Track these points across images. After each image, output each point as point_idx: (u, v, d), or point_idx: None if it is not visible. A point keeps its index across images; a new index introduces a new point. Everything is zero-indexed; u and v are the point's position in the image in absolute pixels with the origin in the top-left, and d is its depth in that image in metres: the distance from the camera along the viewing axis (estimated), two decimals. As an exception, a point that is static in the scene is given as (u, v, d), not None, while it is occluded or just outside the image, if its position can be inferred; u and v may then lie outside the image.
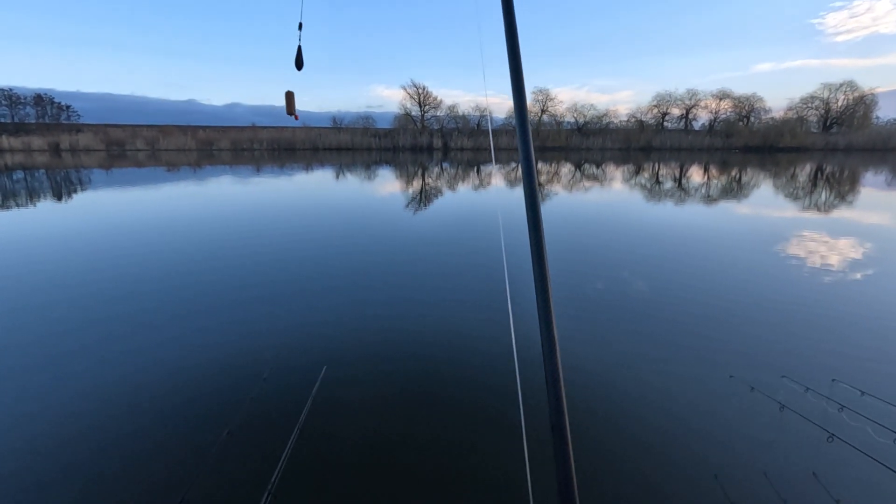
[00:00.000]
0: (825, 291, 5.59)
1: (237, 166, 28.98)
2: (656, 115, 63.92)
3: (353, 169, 27.53)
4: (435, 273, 6.47)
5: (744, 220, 10.85)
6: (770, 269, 6.64)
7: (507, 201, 14.07)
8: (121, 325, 4.56)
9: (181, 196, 14.83)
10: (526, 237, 0.92)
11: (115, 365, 3.77)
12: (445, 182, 20.11)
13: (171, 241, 8.38)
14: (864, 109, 57.26)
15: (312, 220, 10.59)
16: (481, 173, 24.75)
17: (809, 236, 8.78)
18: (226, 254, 7.45)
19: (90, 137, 49.40)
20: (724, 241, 8.55)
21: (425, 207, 12.74)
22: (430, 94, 62.22)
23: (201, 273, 6.37)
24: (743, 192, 16.22)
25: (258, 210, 12.00)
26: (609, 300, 5.33)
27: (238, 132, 56.81)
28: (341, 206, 12.81)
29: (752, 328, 4.51)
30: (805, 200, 13.99)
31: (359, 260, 7.12)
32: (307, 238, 8.68)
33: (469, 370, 3.69)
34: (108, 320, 4.67)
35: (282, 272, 6.45)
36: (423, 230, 9.67)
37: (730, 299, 5.32)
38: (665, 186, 18.46)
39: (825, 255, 7.30)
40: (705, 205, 13.20)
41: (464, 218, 11.14)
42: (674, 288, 5.79)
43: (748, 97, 60.68)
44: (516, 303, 4.79)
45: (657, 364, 3.79)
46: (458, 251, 7.74)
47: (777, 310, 4.97)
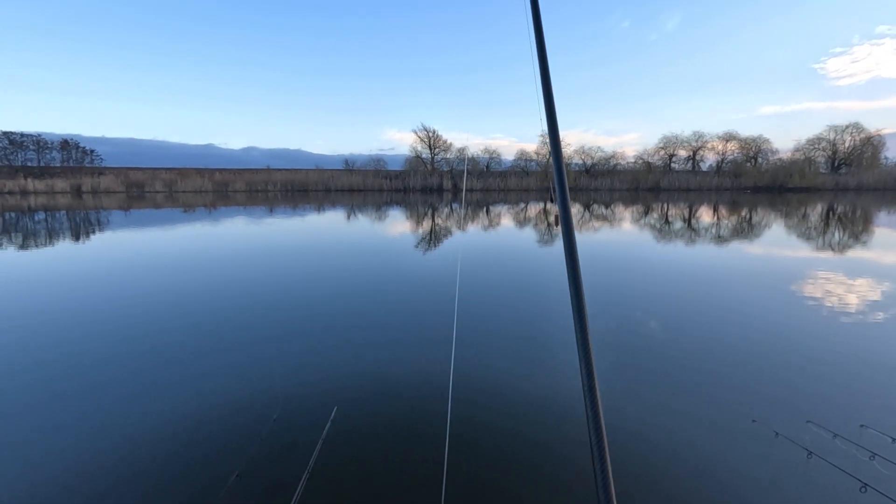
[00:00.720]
0: (847, 333, 5.46)
1: (251, 207, 29.61)
2: (663, 156, 64.68)
3: (364, 209, 27.98)
4: (448, 312, 6.44)
5: (759, 259, 10.74)
6: (789, 309, 6.51)
7: (521, 240, 14.14)
8: (126, 364, 4.56)
9: (194, 236, 15.12)
10: (544, 277, 0.95)
11: (120, 405, 3.75)
12: (455, 222, 20.31)
13: (182, 280, 8.49)
14: (872, 150, 57.58)
15: (322, 260, 10.69)
16: (490, 213, 24.99)
17: (827, 276, 8.65)
18: (236, 293, 7.51)
19: (111, 180, 51.08)
20: (740, 280, 8.44)
21: (436, 247, 12.83)
22: (439, 137, 63.88)
23: (210, 312, 6.40)
24: (756, 232, 16.14)
25: (269, 249, 12.16)
26: (623, 340, 5.24)
27: (253, 174, 58.40)
28: (352, 246, 12.95)
29: (772, 370, 4.38)
30: (819, 240, 13.86)
31: (371, 299, 7.13)
32: (318, 277, 8.74)
33: (489, 413, 3.61)
34: (114, 360, 4.68)
35: (293, 310, 6.46)
36: (434, 269, 9.69)
37: (748, 340, 5.21)
38: (675, 226, 18.45)
39: (844, 296, 7.16)
40: (719, 244, 13.13)
41: (477, 257, 11.18)
42: (689, 328, 5.69)
43: (755, 139, 61.39)
44: (548, 348, 4.73)
45: (675, 408, 3.68)
46: (476, 290, 7.72)
47: (798, 352, 4.85)
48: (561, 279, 0.95)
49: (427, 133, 63.57)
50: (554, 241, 13.82)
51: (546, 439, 3.22)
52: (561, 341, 5.13)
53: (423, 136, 63.75)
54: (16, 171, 54.84)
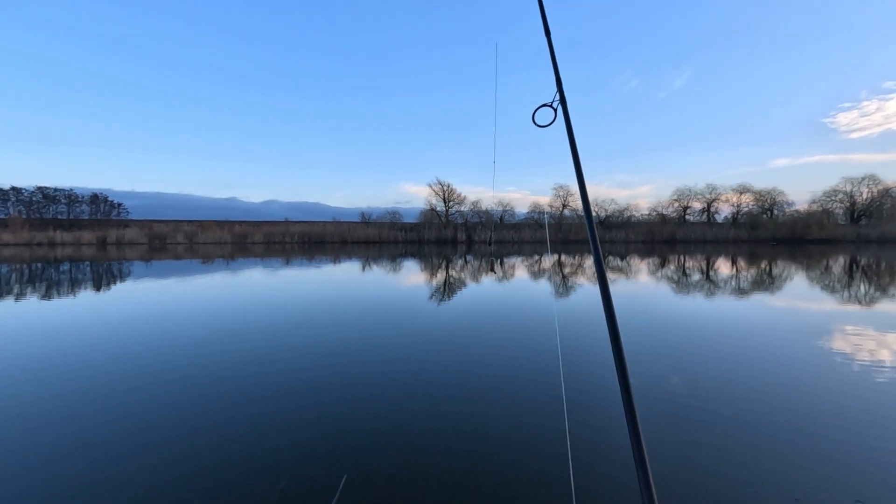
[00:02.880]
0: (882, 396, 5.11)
1: (268, 259, 30.06)
2: (677, 208, 64.81)
3: (378, 261, 28.17)
4: (465, 369, 6.24)
5: (785, 315, 10.37)
6: (831, 375, 6.17)
7: (535, 294, 13.96)
8: (119, 423, 4.44)
9: (210, 287, 15.26)
10: (566, 330, 0.89)
11: (113, 465, 3.60)
12: (469, 275, 20.25)
13: (191, 332, 8.45)
14: (891, 202, 56.94)
15: (332, 312, 10.62)
16: (504, 265, 24.91)
17: (856, 331, 8.26)
18: (244, 348, 7.41)
19: (135, 232, 52.76)
20: (764, 337, 8.10)
21: (450, 299, 12.70)
22: (454, 190, 65.29)
23: (216, 368, 6.30)
24: (778, 285, 15.71)
25: (281, 301, 12.16)
26: (641, 400, 4.96)
27: (271, 226, 59.86)
28: (364, 299, 12.89)
29: (819, 443, 4.07)
30: (845, 293, 13.40)
31: (385, 356, 6.96)
32: (329, 332, 8.63)
33: (505, 486, 3.37)
34: (110, 414, 4.56)
35: (302, 368, 6.32)
36: (448, 323, 9.53)
37: (790, 408, 4.89)
38: (693, 279, 18.09)
39: (877, 351, 6.79)
40: (741, 297, 12.75)
41: (491, 311, 11.00)
42: (718, 392, 5.39)
43: (769, 190, 61.49)
44: (570, 410, 4.49)
45: (689, 481, 3.40)
46: (492, 345, 7.52)
47: (845, 424, 4.52)
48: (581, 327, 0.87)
49: (441, 186, 65.06)
50: (569, 291, 13.61)
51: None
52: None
53: (437, 189, 65.25)
54: (46, 224, 57.14)
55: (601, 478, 3.36)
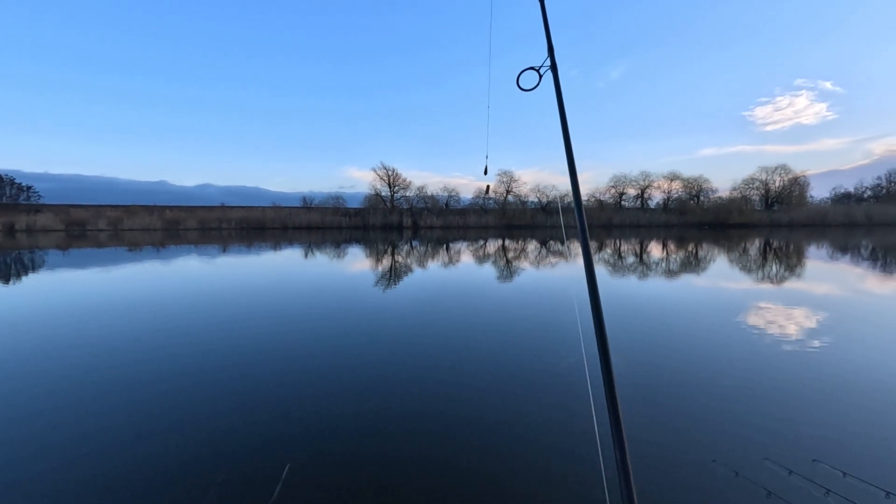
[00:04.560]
0: (796, 367, 5.67)
1: (203, 246, 28.53)
2: (614, 194, 67.89)
3: (321, 247, 27.50)
4: (403, 352, 6.25)
5: (707, 291, 11.19)
6: (740, 345, 6.73)
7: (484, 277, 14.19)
8: (41, 427, 4.11)
9: (137, 276, 14.28)
10: (487, 315, 0.91)
11: (39, 469, 3.33)
12: (416, 260, 20.23)
13: (117, 325, 7.91)
14: (799, 189, 62.76)
15: (272, 302, 10.28)
16: (451, 251, 25.11)
17: (768, 307, 9.08)
18: (177, 341, 7.03)
19: (50, 218, 48.26)
20: (690, 314, 8.72)
21: (395, 285, 12.65)
22: (399, 175, 64.59)
23: (147, 362, 5.94)
24: (704, 267, 16.93)
25: (216, 291, 11.62)
26: (579, 376, 5.21)
27: (207, 212, 56.67)
28: (304, 286, 12.57)
29: (728, 406, 4.45)
30: (760, 272, 14.67)
31: (325, 345, 6.84)
32: (267, 321, 8.36)
33: (448, 470, 3.43)
34: (33, 418, 4.21)
35: (237, 359, 6.09)
36: (393, 307, 9.50)
37: (703, 377, 5.30)
38: (628, 261, 19.09)
39: (786, 326, 7.50)
40: (672, 278, 13.62)
41: (432, 295, 11.07)
42: (644, 366, 5.74)
43: (696, 178, 65.79)
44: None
45: (630, 448, 3.63)
46: (432, 329, 7.57)
47: (751, 387, 4.96)
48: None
49: (387, 171, 64.20)
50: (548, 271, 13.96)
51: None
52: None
53: (382, 174, 64.34)
54: (-62, 209, 50.98)
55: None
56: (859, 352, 6.23)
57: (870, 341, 6.77)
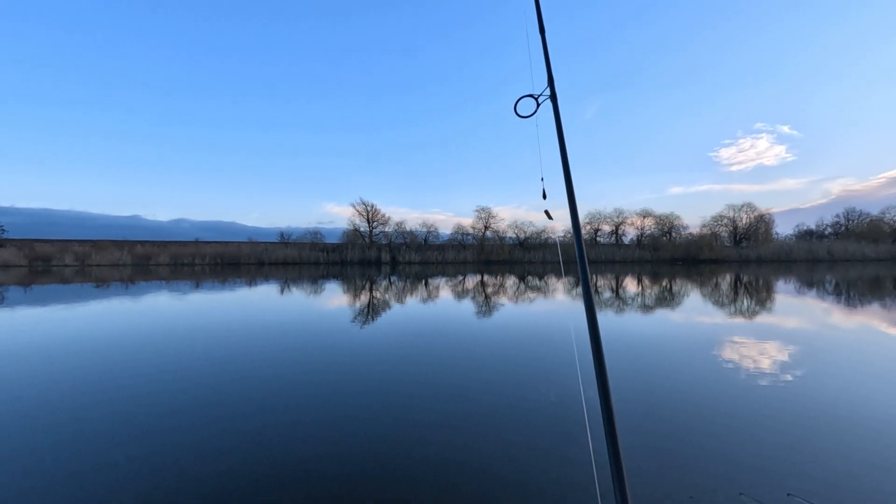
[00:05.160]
0: (770, 401, 5.73)
1: (175, 282, 27.75)
2: (589, 231, 69.22)
3: (298, 283, 27.07)
4: (386, 391, 6.10)
5: (687, 327, 11.35)
6: (715, 380, 6.79)
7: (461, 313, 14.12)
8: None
9: (101, 313, 13.73)
10: (472, 350, 0.89)
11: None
12: (394, 295, 20.06)
13: (81, 365, 7.53)
14: (764, 227, 65.32)
15: (244, 339, 9.98)
16: (429, 286, 25.01)
17: (746, 343, 9.24)
18: (144, 381, 6.73)
19: (12, 253, 46.53)
20: (665, 349, 8.80)
21: (372, 321, 12.46)
22: (378, 211, 64.86)
23: (107, 404, 5.65)
24: (678, 301, 17.23)
25: (185, 328, 11.23)
26: (563, 413, 5.16)
27: (180, 247, 55.46)
28: (278, 322, 12.28)
29: (704, 440, 4.44)
30: (732, 307, 15.01)
31: (304, 383, 6.63)
32: (237, 360, 8.10)
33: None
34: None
35: (204, 398, 5.84)
36: (369, 344, 9.32)
37: (679, 413, 5.31)
38: (605, 296, 19.32)
39: (763, 363, 7.63)
40: (646, 313, 13.80)
41: (411, 332, 10.93)
42: (621, 402, 5.73)
43: (668, 215, 67.81)
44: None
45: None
46: (413, 366, 7.44)
47: (726, 422, 4.98)
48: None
49: (365, 207, 64.42)
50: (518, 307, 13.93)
51: None
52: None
53: (361, 209, 64.51)
54: None
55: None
56: (832, 385, 6.35)
57: (842, 374, 6.93)
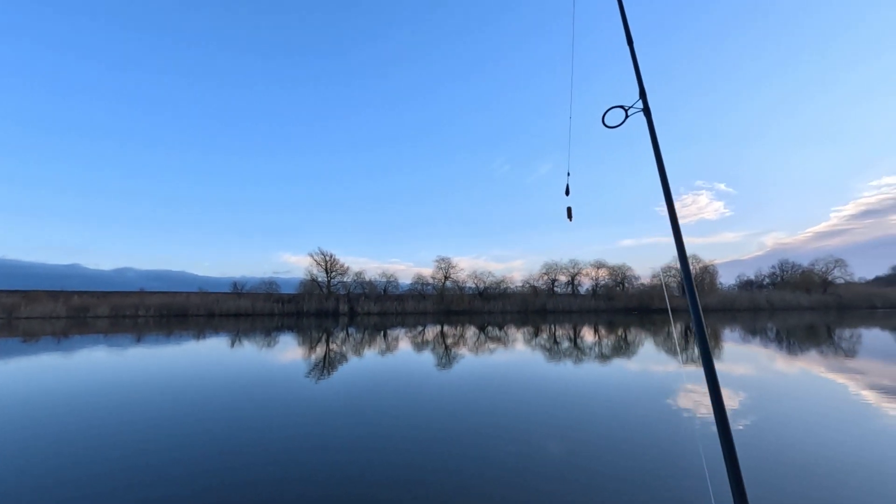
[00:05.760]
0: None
1: (114, 335, 25.90)
2: (546, 281, 70.68)
3: (250, 335, 25.87)
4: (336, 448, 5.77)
5: (641, 376, 11.53)
6: (669, 428, 6.87)
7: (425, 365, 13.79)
8: None
9: (20, 373, 12.53)
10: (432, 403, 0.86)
11: None
12: (351, 348, 19.47)
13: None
14: (709, 277, 68.84)
15: (187, 397, 9.34)
16: (388, 337, 24.49)
17: (699, 391, 9.46)
18: (69, 442, 6.11)
19: (-75, 305, 42.47)
20: (622, 397, 8.88)
21: (327, 376, 11.98)
22: (337, 260, 63.91)
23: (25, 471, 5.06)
24: (634, 350, 17.60)
25: (123, 385, 10.41)
26: (524, 465, 5.02)
27: (122, 297, 52.41)
28: (226, 378, 11.59)
29: (663, 492, 4.42)
30: (684, 355, 15.46)
31: (248, 448, 6.20)
32: (179, 420, 7.53)
33: None
34: None
35: (130, 462, 5.34)
36: (322, 401, 8.90)
37: (635, 461, 5.30)
38: (563, 346, 19.49)
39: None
40: (603, 363, 13.97)
41: (364, 387, 10.56)
42: (588, 448, 5.67)
43: (620, 266, 70.37)
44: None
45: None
46: (367, 424, 7.11)
47: (687, 467, 5.00)
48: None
49: (324, 257, 63.40)
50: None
51: None
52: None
53: (319, 259, 63.35)
54: None
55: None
56: (782, 431, 6.55)
57: (791, 418, 7.17)
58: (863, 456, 5.36)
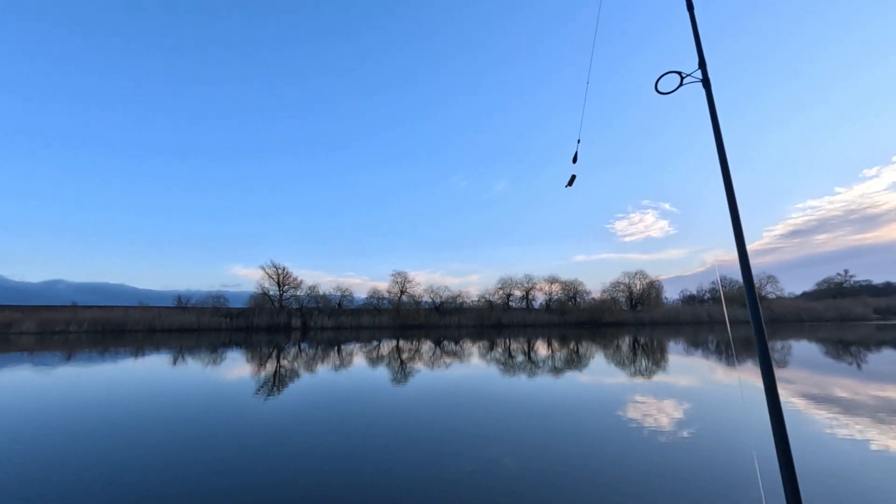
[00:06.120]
0: (669, 459, 6.04)
1: (41, 353, 23.90)
2: (502, 295, 71.60)
3: (194, 352, 24.59)
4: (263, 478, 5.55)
5: (593, 388, 11.82)
6: (619, 439, 7.07)
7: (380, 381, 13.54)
8: None
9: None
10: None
11: None
12: (303, 364, 18.88)
13: None
14: (655, 292, 71.98)
15: (117, 420, 8.76)
16: (342, 353, 23.96)
17: (647, 402, 9.80)
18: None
19: None
20: (575, 407, 9.07)
21: (279, 392, 11.54)
22: (290, 274, 62.21)
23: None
24: (585, 363, 18.06)
25: (47, 407, 9.62)
26: (480, 481, 5.01)
27: (51, 312, 48.58)
28: (160, 398, 10.95)
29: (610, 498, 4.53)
30: (632, 367, 16.02)
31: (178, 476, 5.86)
32: (106, 439, 7.04)
33: None
34: None
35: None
36: (270, 421, 8.56)
37: (586, 472, 5.41)
38: (518, 360, 19.73)
39: (662, 421, 8.11)
40: (557, 376, 14.24)
41: (323, 403, 10.27)
42: (546, 464, 5.73)
43: (572, 281, 72.35)
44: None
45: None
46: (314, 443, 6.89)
47: (632, 477, 5.14)
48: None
49: (276, 270, 61.54)
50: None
51: None
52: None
53: (271, 272, 61.45)
54: None
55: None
56: (722, 441, 6.88)
57: (729, 428, 7.54)
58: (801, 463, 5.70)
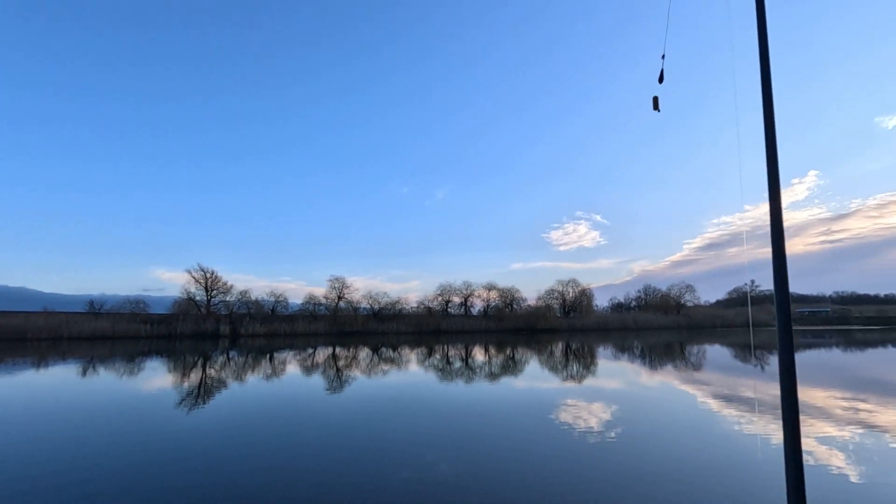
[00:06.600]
0: (598, 460, 6.32)
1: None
2: (441, 302, 71.98)
3: (107, 363, 22.62)
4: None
5: (528, 393, 12.14)
6: (551, 442, 7.30)
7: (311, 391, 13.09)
8: None
9: None
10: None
11: None
12: (232, 373, 17.92)
13: None
14: (586, 300, 75.53)
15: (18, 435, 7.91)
16: (274, 361, 23.00)
17: (578, 405, 10.22)
18: None
19: None
20: (509, 412, 9.28)
21: (203, 404, 10.88)
22: (219, 278, 58.79)
23: None
24: (520, 369, 18.53)
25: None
26: (416, 488, 4.99)
27: (-67, 318, 42.75)
28: (66, 412, 10.01)
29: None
30: (565, 372, 16.67)
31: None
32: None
33: None
34: None
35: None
36: (195, 435, 8.05)
37: (517, 472, 5.54)
38: (455, 366, 19.89)
39: (592, 422, 8.49)
40: (493, 382, 14.50)
41: (257, 418, 9.80)
42: (476, 470, 5.80)
43: (509, 289, 74.21)
44: None
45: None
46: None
47: (567, 482, 5.33)
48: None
49: (204, 274, 58.00)
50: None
51: None
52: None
53: (199, 276, 57.74)
54: None
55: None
56: (650, 441, 7.30)
57: (660, 428, 8.03)
58: (711, 459, 6.18)
